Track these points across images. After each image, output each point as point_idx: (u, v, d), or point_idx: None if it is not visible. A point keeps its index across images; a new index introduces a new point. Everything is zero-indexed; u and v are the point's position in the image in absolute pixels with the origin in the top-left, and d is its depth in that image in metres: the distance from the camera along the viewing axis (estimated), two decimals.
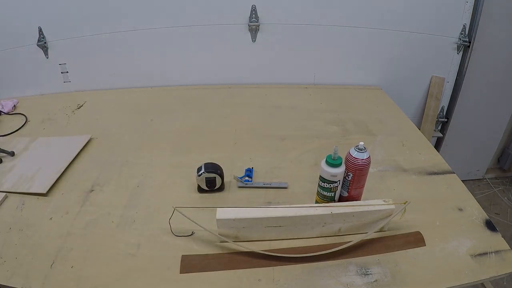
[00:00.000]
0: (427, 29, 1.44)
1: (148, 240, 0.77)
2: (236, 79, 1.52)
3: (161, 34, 1.41)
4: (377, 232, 0.77)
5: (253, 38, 1.44)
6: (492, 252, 0.73)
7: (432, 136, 1.69)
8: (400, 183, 0.94)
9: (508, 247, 0.74)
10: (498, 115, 1.71)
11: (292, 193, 0.90)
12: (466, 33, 1.45)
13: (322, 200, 0.79)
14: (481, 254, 0.73)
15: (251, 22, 1.39)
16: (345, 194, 0.79)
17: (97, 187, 0.93)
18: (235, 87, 1.50)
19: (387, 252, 0.73)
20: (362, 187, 0.79)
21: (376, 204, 0.73)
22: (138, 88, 1.51)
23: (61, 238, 0.77)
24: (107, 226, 0.80)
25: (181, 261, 0.71)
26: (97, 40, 1.39)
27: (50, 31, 1.36)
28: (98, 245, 0.75)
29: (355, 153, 0.73)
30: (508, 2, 1.39)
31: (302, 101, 1.39)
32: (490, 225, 0.80)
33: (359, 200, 0.80)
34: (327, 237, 0.76)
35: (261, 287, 0.67)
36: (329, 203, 0.77)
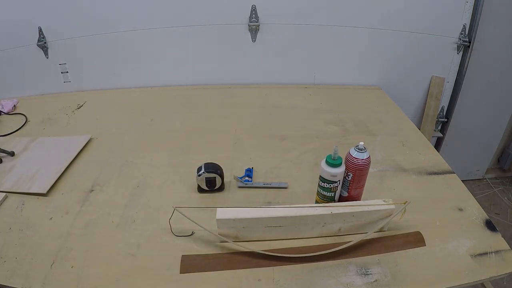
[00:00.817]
0: (427, 29, 1.44)
1: (148, 240, 0.77)
2: (236, 79, 1.52)
3: (161, 34, 1.41)
4: (377, 232, 0.77)
5: (253, 38, 1.44)
6: (492, 252, 0.73)
7: (432, 136, 1.69)
8: (400, 183, 0.94)
9: (508, 247, 0.74)
10: (498, 115, 1.71)
11: (292, 193, 0.90)
12: (466, 33, 1.45)
13: (322, 200, 0.79)
14: (481, 254, 0.73)
15: (251, 22, 1.39)
16: (345, 194, 0.79)
17: (97, 187, 0.93)
18: (235, 87, 1.50)
19: (387, 252, 0.73)
20: (362, 187, 0.79)
21: (376, 204, 0.73)
22: (138, 88, 1.51)
23: (61, 238, 0.77)
24: (107, 226, 0.80)
25: (181, 261, 0.71)
26: (97, 40, 1.39)
27: (50, 31, 1.36)
28: (98, 245, 0.75)
29: (355, 153, 0.73)
30: (508, 2, 1.39)
31: (302, 101, 1.39)
32: (490, 225, 0.80)
33: (359, 200, 0.80)
34: (327, 237, 0.76)
35: (261, 287, 0.67)
36: (329, 203, 0.77)
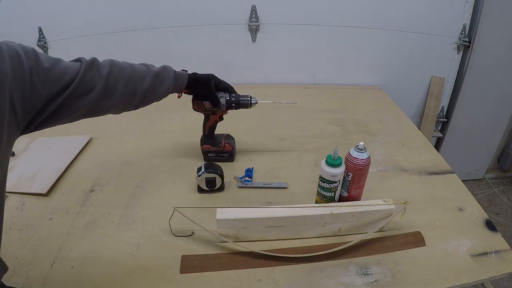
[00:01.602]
0: (427, 29, 1.44)
1: (148, 240, 0.76)
2: (236, 79, 1.51)
3: (161, 34, 1.41)
4: (377, 232, 0.77)
5: (253, 38, 1.44)
6: (492, 252, 0.73)
7: (432, 136, 1.69)
8: (400, 183, 0.94)
9: (508, 247, 0.74)
10: (498, 115, 1.71)
11: (292, 193, 0.90)
12: (466, 33, 1.45)
13: (322, 200, 0.79)
14: (481, 254, 0.73)
15: (251, 22, 1.39)
16: (345, 194, 0.79)
17: (97, 187, 0.93)
18: (235, 87, 1.49)
19: (387, 252, 0.73)
20: (362, 187, 0.79)
21: (376, 204, 0.73)
22: None
23: (61, 238, 0.77)
24: (107, 226, 0.80)
25: (181, 261, 0.71)
26: (97, 40, 1.39)
27: (50, 31, 1.36)
28: (98, 245, 0.75)
29: (355, 153, 0.73)
30: (508, 2, 1.39)
31: (302, 101, 1.39)
32: (490, 225, 0.80)
33: (359, 200, 0.80)
34: (327, 237, 0.76)
35: (261, 287, 0.67)
36: (329, 203, 0.77)
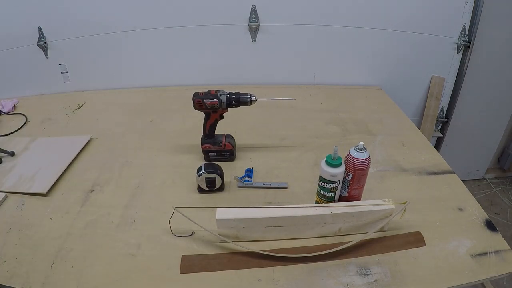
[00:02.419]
0: (427, 29, 1.44)
1: (148, 240, 0.77)
2: (236, 79, 1.52)
3: (161, 34, 1.41)
4: (377, 232, 0.77)
5: (253, 38, 1.44)
6: (492, 252, 0.73)
7: (432, 136, 1.69)
8: (400, 183, 0.94)
9: (508, 247, 0.74)
10: (498, 115, 1.71)
11: (292, 193, 0.90)
12: (466, 33, 1.45)
13: (322, 200, 0.79)
14: (481, 254, 0.73)
15: (251, 22, 1.39)
16: (345, 194, 0.79)
17: (97, 187, 0.93)
18: (235, 87, 1.49)
19: (387, 252, 0.73)
20: (362, 187, 0.79)
21: (376, 204, 0.73)
22: (138, 88, 1.51)
23: (61, 238, 0.77)
24: (107, 226, 0.80)
25: (181, 261, 0.71)
26: (97, 40, 1.39)
27: (50, 31, 1.36)
28: (98, 245, 0.75)
29: (355, 153, 0.73)
30: (508, 2, 1.39)
31: (302, 101, 1.39)
32: (490, 225, 0.80)
33: (359, 200, 0.80)
34: (327, 237, 0.76)
35: (261, 287, 0.67)
36: (329, 203, 0.77)
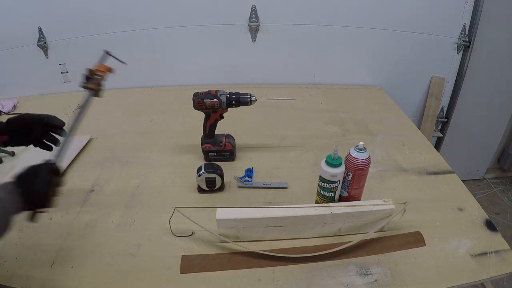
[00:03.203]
0: (427, 29, 1.44)
1: (148, 240, 0.77)
2: (236, 79, 1.52)
3: (161, 34, 1.41)
4: (377, 232, 0.77)
5: (253, 38, 1.44)
6: (492, 252, 0.73)
7: (432, 136, 1.69)
8: (400, 183, 0.94)
9: (508, 247, 0.74)
10: (498, 115, 1.71)
11: (292, 193, 0.90)
12: (466, 33, 1.45)
13: (322, 200, 0.79)
14: (481, 254, 0.73)
15: (251, 22, 1.39)
16: (345, 194, 0.79)
17: (97, 187, 0.93)
18: (235, 87, 1.49)
19: (387, 252, 0.73)
20: (362, 187, 0.79)
21: (376, 204, 0.73)
22: (138, 88, 1.51)
23: (61, 238, 0.77)
24: (107, 226, 0.80)
25: (181, 261, 0.71)
26: (97, 40, 1.39)
27: (50, 31, 1.36)
28: (98, 245, 0.75)
29: (355, 153, 0.73)
30: (508, 2, 1.39)
31: (302, 101, 1.39)
32: (490, 225, 0.80)
33: (359, 200, 0.80)
34: (327, 237, 0.76)
35: (261, 287, 0.67)
36: (329, 203, 0.77)
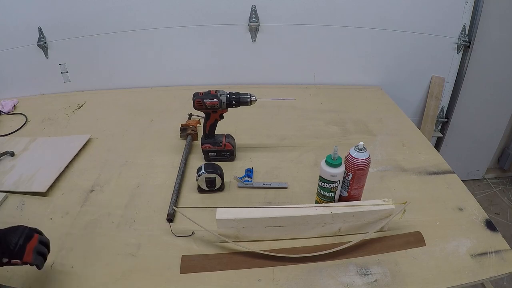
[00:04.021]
0: (427, 29, 1.44)
1: (148, 240, 0.77)
2: (236, 79, 1.52)
3: (161, 34, 1.41)
4: (377, 232, 0.77)
5: (253, 38, 1.44)
6: (492, 252, 0.73)
7: (432, 136, 1.69)
8: (400, 183, 0.94)
9: (508, 247, 0.74)
10: (498, 115, 1.71)
11: (292, 193, 0.90)
12: (466, 33, 1.45)
13: (322, 200, 0.79)
14: (481, 254, 0.73)
15: (251, 22, 1.39)
16: (345, 194, 0.79)
17: (97, 187, 0.93)
18: (235, 87, 1.49)
19: (387, 252, 0.73)
20: (362, 187, 0.79)
21: (376, 204, 0.73)
22: (138, 88, 1.51)
23: (61, 238, 0.77)
24: (107, 226, 0.80)
25: (181, 261, 0.71)
26: (97, 40, 1.39)
27: (50, 31, 1.36)
28: (98, 245, 0.75)
29: (355, 153, 0.73)
30: (508, 2, 1.39)
31: (302, 101, 1.39)
32: (490, 225, 0.80)
33: (359, 200, 0.80)
34: (327, 237, 0.76)
35: (261, 287, 0.67)
36: (329, 203, 0.77)
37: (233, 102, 0.93)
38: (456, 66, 1.54)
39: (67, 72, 1.46)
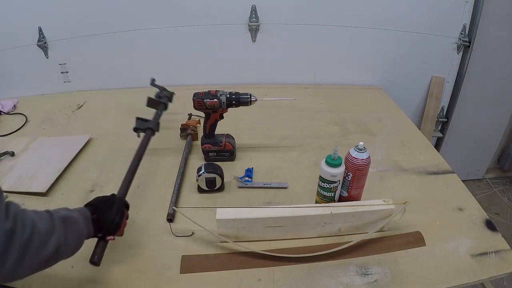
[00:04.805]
0: (427, 29, 1.44)
1: (148, 240, 0.77)
2: (236, 79, 1.52)
3: (161, 34, 1.41)
4: (377, 232, 0.77)
5: (253, 38, 1.44)
6: (492, 252, 0.73)
7: (432, 136, 1.69)
8: (400, 183, 0.94)
9: (508, 247, 0.74)
10: (498, 115, 1.71)
11: (292, 193, 0.90)
12: (466, 33, 1.45)
13: (322, 200, 0.79)
14: (481, 254, 0.73)
15: (251, 22, 1.39)
16: (345, 194, 0.79)
17: (97, 187, 0.93)
18: (235, 87, 1.49)
19: (387, 252, 0.73)
20: (362, 187, 0.79)
21: (376, 204, 0.73)
22: (138, 88, 1.51)
23: None
24: None
25: (181, 261, 0.71)
26: (97, 40, 1.39)
27: (50, 31, 1.36)
28: None
29: (355, 153, 0.73)
30: (508, 2, 1.39)
31: (302, 101, 1.39)
32: (490, 225, 0.80)
33: (359, 200, 0.80)
34: (327, 237, 0.76)
35: (261, 287, 0.67)
36: (329, 203, 0.77)
37: (233, 102, 0.93)
38: (456, 66, 1.54)
39: (67, 72, 1.46)
